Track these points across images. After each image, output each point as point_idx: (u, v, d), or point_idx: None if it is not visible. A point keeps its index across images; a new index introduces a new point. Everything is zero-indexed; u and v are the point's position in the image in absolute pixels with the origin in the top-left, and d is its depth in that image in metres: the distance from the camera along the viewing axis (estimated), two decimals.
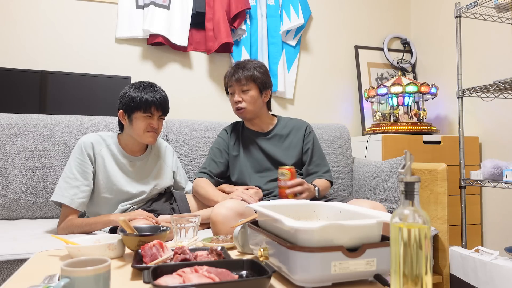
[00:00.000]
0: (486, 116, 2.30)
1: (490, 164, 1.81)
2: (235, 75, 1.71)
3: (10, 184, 1.71)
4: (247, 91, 1.70)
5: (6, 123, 1.77)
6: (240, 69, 1.71)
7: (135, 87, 1.54)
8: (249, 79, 1.70)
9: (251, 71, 1.71)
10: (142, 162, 1.63)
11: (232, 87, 1.73)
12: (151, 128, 1.53)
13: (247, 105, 1.71)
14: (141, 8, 2.31)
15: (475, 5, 1.90)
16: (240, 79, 1.69)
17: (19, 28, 2.15)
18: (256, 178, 1.72)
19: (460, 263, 1.70)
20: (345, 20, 2.81)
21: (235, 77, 1.70)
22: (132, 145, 1.60)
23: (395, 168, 1.85)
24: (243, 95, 1.71)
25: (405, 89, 2.33)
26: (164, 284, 0.71)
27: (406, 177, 0.64)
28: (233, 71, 1.73)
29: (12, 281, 0.84)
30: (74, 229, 1.43)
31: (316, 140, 1.83)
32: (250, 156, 1.76)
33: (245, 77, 1.69)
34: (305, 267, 0.74)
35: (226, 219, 1.33)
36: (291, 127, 1.82)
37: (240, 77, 1.69)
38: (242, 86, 1.70)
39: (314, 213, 1.09)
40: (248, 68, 1.71)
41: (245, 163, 1.75)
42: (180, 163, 1.92)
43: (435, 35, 2.71)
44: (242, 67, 1.72)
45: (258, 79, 1.72)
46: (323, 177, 1.75)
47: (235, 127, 1.87)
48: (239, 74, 1.70)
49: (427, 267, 0.62)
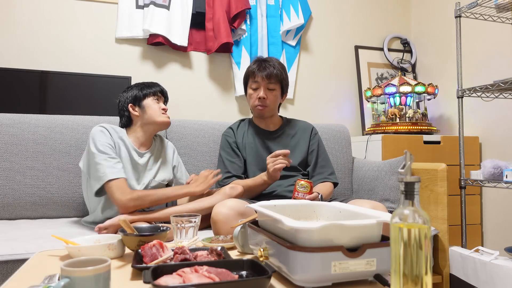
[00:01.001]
0: (486, 116, 2.30)
1: (490, 164, 1.81)
2: (266, 70, 1.67)
3: (10, 184, 1.71)
4: (272, 90, 1.70)
5: (6, 123, 1.77)
6: (270, 66, 1.68)
7: (132, 87, 1.68)
8: (278, 78, 1.69)
9: (279, 71, 1.69)
10: (148, 156, 1.66)
11: (257, 82, 1.69)
12: (164, 110, 1.64)
13: (269, 103, 1.70)
14: (141, 8, 2.31)
15: (475, 5, 1.90)
16: (271, 77, 1.67)
17: (19, 28, 2.15)
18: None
19: (460, 263, 1.70)
20: (345, 20, 2.81)
21: (265, 72, 1.67)
22: (141, 138, 1.64)
23: (395, 168, 1.85)
24: (268, 92, 1.69)
25: (414, 89, 2.33)
26: (164, 284, 0.71)
27: (406, 177, 0.64)
28: (261, 67, 1.69)
29: (12, 281, 0.84)
30: (146, 202, 1.44)
31: (321, 142, 1.85)
32: (255, 153, 1.75)
33: (275, 75, 1.67)
34: (305, 267, 0.74)
35: (227, 218, 1.34)
36: (297, 128, 1.82)
37: (271, 74, 1.66)
38: (270, 84, 1.68)
39: (314, 213, 1.09)
40: (276, 67, 1.69)
41: (250, 160, 1.75)
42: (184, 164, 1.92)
43: (435, 35, 2.71)
44: (272, 65, 1.69)
45: (284, 81, 1.72)
46: (328, 179, 1.76)
47: (242, 124, 1.86)
48: (270, 71, 1.67)
49: (427, 267, 0.62)
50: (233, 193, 1.52)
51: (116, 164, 1.48)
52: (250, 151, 1.77)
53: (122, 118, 1.67)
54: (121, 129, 1.64)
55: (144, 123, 1.62)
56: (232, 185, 1.56)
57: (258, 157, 1.75)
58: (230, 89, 2.53)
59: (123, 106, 1.65)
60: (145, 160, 1.64)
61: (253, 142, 1.78)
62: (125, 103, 1.64)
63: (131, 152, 1.60)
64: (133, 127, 1.65)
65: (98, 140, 1.51)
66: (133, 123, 1.65)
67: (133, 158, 1.60)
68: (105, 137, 1.53)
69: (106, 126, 1.58)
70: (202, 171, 1.68)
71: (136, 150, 1.62)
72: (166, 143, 1.79)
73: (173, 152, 1.79)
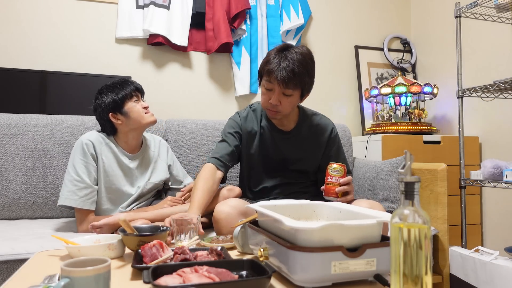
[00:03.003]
0: (486, 116, 2.30)
1: (490, 164, 1.81)
2: (281, 73, 1.38)
3: (10, 184, 1.71)
4: (289, 96, 1.44)
5: (6, 123, 1.77)
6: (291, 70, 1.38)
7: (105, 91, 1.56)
8: (297, 84, 1.42)
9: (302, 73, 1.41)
10: (140, 158, 1.64)
11: (272, 84, 1.43)
12: (145, 109, 1.58)
13: (283, 109, 1.47)
14: (141, 8, 2.31)
15: (475, 5, 1.90)
16: (288, 83, 1.39)
17: (19, 28, 2.15)
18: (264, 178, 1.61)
19: (460, 263, 1.70)
20: (345, 20, 2.81)
21: (281, 76, 1.38)
22: (131, 141, 1.60)
23: (395, 168, 1.85)
24: (282, 98, 1.44)
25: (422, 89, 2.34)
26: (164, 284, 0.71)
27: (406, 177, 0.64)
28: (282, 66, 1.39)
29: (12, 281, 0.84)
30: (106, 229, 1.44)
31: (340, 145, 1.68)
32: (264, 152, 1.60)
33: (293, 83, 1.40)
34: (305, 267, 0.74)
35: (229, 217, 1.33)
36: (314, 128, 1.63)
37: (289, 80, 1.38)
38: (287, 90, 1.42)
39: (314, 213, 1.09)
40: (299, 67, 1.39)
41: (257, 158, 1.60)
42: (180, 163, 1.92)
43: (435, 35, 2.71)
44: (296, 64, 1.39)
45: (306, 84, 1.45)
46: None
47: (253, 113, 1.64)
48: (289, 75, 1.38)
49: (427, 267, 0.62)
50: (231, 195, 1.51)
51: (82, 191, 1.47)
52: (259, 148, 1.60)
53: (105, 128, 1.58)
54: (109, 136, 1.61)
55: (130, 128, 1.56)
56: (229, 187, 1.55)
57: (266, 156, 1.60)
58: (230, 89, 2.53)
59: (103, 116, 1.55)
60: (136, 163, 1.62)
61: (264, 139, 1.60)
62: (104, 112, 1.54)
63: (120, 158, 1.58)
64: (119, 134, 1.59)
65: (78, 160, 1.49)
66: (118, 130, 1.58)
67: (124, 163, 1.58)
68: (85, 157, 1.50)
69: (92, 137, 1.54)
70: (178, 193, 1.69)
71: (126, 155, 1.60)
72: (159, 141, 1.75)
73: (166, 150, 1.76)
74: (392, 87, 2.33)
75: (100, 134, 1.59)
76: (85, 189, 1.48)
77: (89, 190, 1.48)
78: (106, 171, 1.54)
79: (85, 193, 1.47)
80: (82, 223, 1.47)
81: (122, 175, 1.57)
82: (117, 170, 1.56)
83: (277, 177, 1.60)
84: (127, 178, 1.58)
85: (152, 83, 2.35)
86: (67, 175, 1.49)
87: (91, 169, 1.50)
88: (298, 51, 1.44)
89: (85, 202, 1.46)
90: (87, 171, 1.49)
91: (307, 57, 1.45)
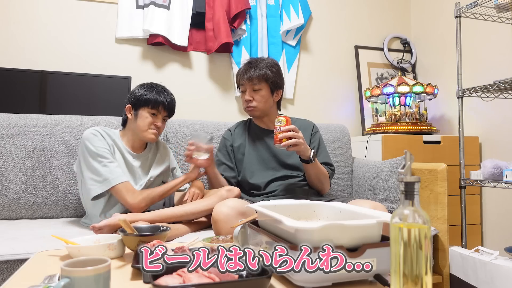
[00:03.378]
0: (486, 116, 2.30)
1: (490, 164, 1.81)
2: (247, 74, 1.70)
3: (10, 184, 1.71)
4: (258, 90, 1.70)
5: (6, 123, 1.77)
6: (252, 68, 1.70)
7: (147, 86, 1.60)
8: (261, 78, 1.69)
9: (263, 70, 1.69)
10: (143, 159, 1.65)
11: (243, 85, 1.73)
12: (155, 126, 1.57)
13: (257, 104, 1.71)
14: (141, 8, 2.31)
15: (475, 5, 1.90)
16: (252, 78, 1.68)
17: (19, 28, 2.15)
18: (259, 176, 1.72)
19: (460, 263, 1.70)
20: (345, 20, 2.81)
21: (247, 75, 1.69)
22: (133, 142, 1.62)
23: (395, 168, 1.85)
24: (254, 94, 1.71)
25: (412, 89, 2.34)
26: (164, 284, 0.71)
27: (406, 177, 0.64)
28: (245, 69, 1.72)
29: (12, 281, 0.84)
30: (154, 199, 1.49)
31: (322, 140, 1.84)
32: (256, 153, 1.76)
33: (257, 76, 1.68)
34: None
35: (227, 217, 1.34)
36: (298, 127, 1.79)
37: (252, 76, 1.68)
38: (254, 85, 1.70)
39: (314, 213, 1.09)
40: (261, 67, 1.70)
41: (250, 159, 1.75)
42: (181, 163, 1.92)
43: (435, 35, 2.71)
44: (255, 66, 1.70)
45: (270, 79, 1.71)
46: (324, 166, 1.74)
47: (242, 124, 1.87)
48: (251, 73, 1.69)
49: (427, 267, 0.62)
50: (230, 196, 1.52)
51: (117, 168, 1.49)
52: (250, 150, 1.76)
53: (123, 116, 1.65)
54: (114, 132, 1.62)
55: (133, 129, 1.60)
56: (229, 187, 1.56)
57: (259, 156, 1.75)
58: (230, 89, 2.53)
59: (125, 102, 1.61)
60: (140, 162, 1.63)
61: (254, 141, 1.78)
62: (128, 101, 1.60)
63: (125, 154, 1.59)
64: (126, 130, 1.63)
65: (93, 145, 1.49)
66: (127, 124, 1.63)
67: (128, 161, 1.59)
68: (100, 141, 1.51)
69: (98, 129, 1.56)
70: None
71: (130, 153, 1.61)
72: (163, 144, 1.78)
73: (170, 153, 1.79)
74: (410, 86, 2.33)
75: (106, 130, 1.59)
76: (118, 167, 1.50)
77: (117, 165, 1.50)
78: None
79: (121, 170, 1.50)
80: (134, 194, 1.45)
81: (127, 170, 1.58)
82: (123, 165, 1.57)
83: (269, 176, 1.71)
84: (130, 175, 1.59)
85: None
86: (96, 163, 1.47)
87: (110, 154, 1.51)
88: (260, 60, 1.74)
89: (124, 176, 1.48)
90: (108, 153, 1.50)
91: (269, 60, 1.75)
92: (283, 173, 1.72)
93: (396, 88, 2.33)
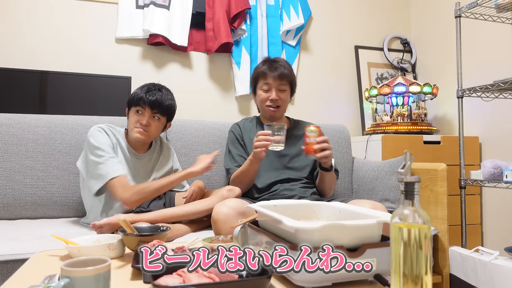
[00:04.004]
0: (486, 116, 2.30)
1: (490, 164, 1.81)
2: (277, 71, 1.66)
3: (10, 184, 1.71)
4: (284, 90, 1.69)
5: (6, 123, 1.77)
6: (281, 66, 1.68)
7: (142, 86, 1.60)
8: (288, 79, 1.69)
9: (289, 71, 1.69)
10: (146, 159, 1.65)
11: (269, 84, 1.68)
12: (139, 124, 1.55)
13: (281, 104, 1.70)
14: (141, 8, 2.31)
15: (475, 5, 1.90)
16: (283, 77, 1.66)
17: (19, 28, 2.15)
18: (264, 177, 1.70)
19: (460, 263, 1.70)
20: (345, 20, 2.81)
21: (277, 73, 1.66)
22: (135, 142, 1.62)
23: (395, 168, 1.85)
24: (280, 93, 1.68)
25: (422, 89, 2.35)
26: (164, 284, 0.71)
27: (406, 177, 0.64)
28: (274, 67, 1.67)
29: (12, 281, 0.84)
30: (148, 193, 1.45)
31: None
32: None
33: (286, 76, 1.67)
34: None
35: (227, 218, 1.33)
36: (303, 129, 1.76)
37: (283, 74, 1.66)
38: (281, 86, 1.68)
39: (314, 213, 1.09)
40: (286, 67, 1.69)
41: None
42: (181, 163, 1.92)
43: (435, 35, 2.71)
44: (283, 65, 1.68)
45: (293, 82, 1.72)
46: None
47: (249, 122, 1.84)
48: (282, 71, 1.66)
49: (427, 267, 0.62)
50: (231, 195, 1.52)
51: (117, 163, 1.49)
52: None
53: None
54: (119, 130, 1.63)
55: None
56: (229, 187, 1.56)
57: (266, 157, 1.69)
58: (230, 89, 2.53)
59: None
60: (143, 163, 1.63)
61: None
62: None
63: (127, 154, 1.60)
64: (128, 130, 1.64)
65: (97, 140, 1.50)
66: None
67: (130, 160, 1.60)
68: (103, 137, 1.53)
69: (104, 126, 1.57)
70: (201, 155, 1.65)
71: (133, 153, 1.62)
72: (166, 146, 1.78)
73: (172, 155, 1.80)
74: (421, 86, 2.34)
75: (112, 128, 1.60)
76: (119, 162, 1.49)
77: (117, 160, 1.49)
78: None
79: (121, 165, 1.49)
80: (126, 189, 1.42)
81: (129, 170, 1.58)
82: (124, 164, 1.57)
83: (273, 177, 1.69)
84: (133, 175, 1.59)
85: None
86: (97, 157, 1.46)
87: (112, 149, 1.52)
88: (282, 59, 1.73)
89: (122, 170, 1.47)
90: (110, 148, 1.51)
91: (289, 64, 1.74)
92: (287, 175, 1.71)
93: (408, 87, 2.33)
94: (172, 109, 1.64)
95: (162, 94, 1.58)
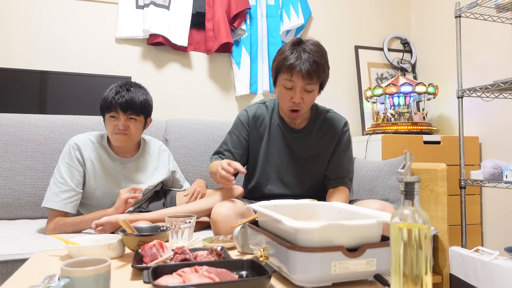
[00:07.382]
0: (486, 116, 2.30)
1: (490, 164, 1.81)
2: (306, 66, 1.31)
3: (10, 184, 1.71)
4: (311, 91, 1.39)
5: (6, 123, 1.77)
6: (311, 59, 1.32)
7: (110, 88, 1.49)
8: (320, 76, 1.36)
9: (322, 66, 1.35)
10: (134, 163, 1.59)
11: (292, 82, 1.35)
12: (118, 129, 1.47)
13: (304, 107, 1.41)
14: (141, 8, 2.31)
15: (475, 5, 1.90)
16: (311, 75, 1.32)
17: (19, 28, 2.15)
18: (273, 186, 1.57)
19: (460, 263, 1.70)
20: (345, 20, 2.81)
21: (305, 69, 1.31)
22: (119, 147, 1.55)
23: (395, 168, 1.85)
24: (305, 94, 1.37)
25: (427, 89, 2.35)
26: (164, 284, 0.71)
27: (406, 177, 0.64)
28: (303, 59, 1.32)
29: (12, 281, 0.84)
30: (68, 228, 1.43)
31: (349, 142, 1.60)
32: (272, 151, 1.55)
33: (317, 75, 1.34)
34: (305, 267, 0.74)
35: (226, 218, 1.33)
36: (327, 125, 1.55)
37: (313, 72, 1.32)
38: (309, 86, 1.36)
39: (314, 213, 1.09)
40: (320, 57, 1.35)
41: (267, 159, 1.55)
42: (180, 163, 1.92)
43: (435, 35, 2.71)
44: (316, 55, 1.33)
45: (325, 77, 1.41)
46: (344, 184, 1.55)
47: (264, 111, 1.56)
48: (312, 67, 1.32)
49: (427, 267, 0.62)
50: (232, 195, 1.51)
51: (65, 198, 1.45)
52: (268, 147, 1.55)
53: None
54: (103, 135, 1.58)
55: None
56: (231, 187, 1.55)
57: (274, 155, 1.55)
58: (230, 89, 2.53)
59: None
60: (129, 168, 1.57)
61: (274, 136, 1.54)
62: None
63: (109, 162, 1.54)
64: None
65: (64, 163, 1.49)
66: None
67: (113, 168, 1.54)
68: (70, 160, 1.49)
69: (80, 140, 1.52)
70: (121, 190, 1.46)
71: (118, 158, 1.56)
72: (159, 147, 1.70)
73: (168, 156, 1.72)
74: (427, 86, 2.34)
75: (92, 138, 1.55)
76: (68, 192, 1.46)
77: (72, 194, 1.47)
78: (97, 175, 1.52)
79: (68, 196, 1.46)
80: (50, 222, 1.44)
81: (114, 179, 1.54)
82: (108, 175, 1.53)
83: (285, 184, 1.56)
84: (118, 182, 1.55)
85: (152, 83, 2.35)
86: (53, 178, 1.49)
87: (75, 173, 1.49)
88: (312, 42, 1.39)
89: (67, 205, 1.45)
90: (70, 174, 1.48)
91: (322, 48, 1.40)
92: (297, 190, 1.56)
93: (414, 87, 2.33)
94: (147, 105, 1.52)
95: (131, 93, 1.46)
